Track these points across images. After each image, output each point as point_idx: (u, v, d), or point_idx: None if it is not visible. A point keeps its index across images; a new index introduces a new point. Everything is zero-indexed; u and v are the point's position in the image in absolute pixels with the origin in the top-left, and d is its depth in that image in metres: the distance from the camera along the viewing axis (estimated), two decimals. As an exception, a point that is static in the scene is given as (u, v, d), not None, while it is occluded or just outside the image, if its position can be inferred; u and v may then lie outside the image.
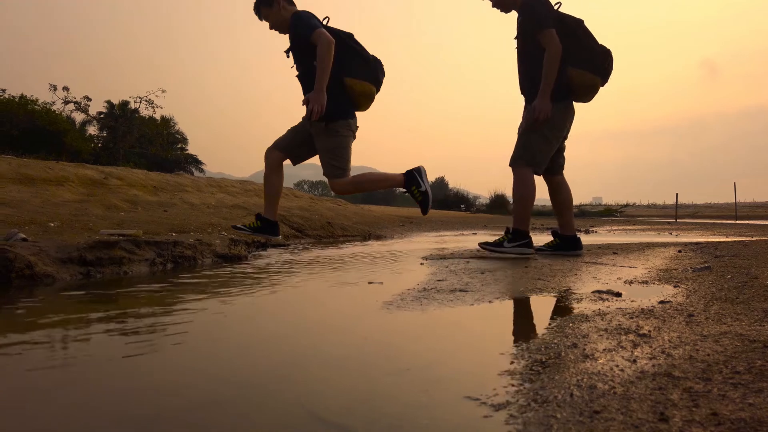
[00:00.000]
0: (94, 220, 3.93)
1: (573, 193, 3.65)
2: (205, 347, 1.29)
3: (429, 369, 1.09)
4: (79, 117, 21.14)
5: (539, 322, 1.53)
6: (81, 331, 1.40)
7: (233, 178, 12.72)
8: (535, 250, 3.45)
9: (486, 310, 1.67)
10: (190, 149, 27.99)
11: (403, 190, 3.65)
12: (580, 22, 3.36)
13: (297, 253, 3.79)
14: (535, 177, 3.43)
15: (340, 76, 3.34)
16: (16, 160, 6.24)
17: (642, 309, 1.56)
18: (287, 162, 3.68)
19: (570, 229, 3.54)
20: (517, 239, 3.39)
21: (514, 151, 3.45)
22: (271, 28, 3.54)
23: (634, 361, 1.04)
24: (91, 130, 21.99)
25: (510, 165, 3.47)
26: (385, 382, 1.01)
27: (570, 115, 3.44)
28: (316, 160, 3.59)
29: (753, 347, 1.07)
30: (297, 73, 3.49)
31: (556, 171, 3.55)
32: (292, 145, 3.60)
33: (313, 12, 3.44)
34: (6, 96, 17.60)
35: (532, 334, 1.35)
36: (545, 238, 4.00)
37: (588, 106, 3.56)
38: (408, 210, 12.34)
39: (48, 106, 18.47)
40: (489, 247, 3.45)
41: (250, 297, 1.95)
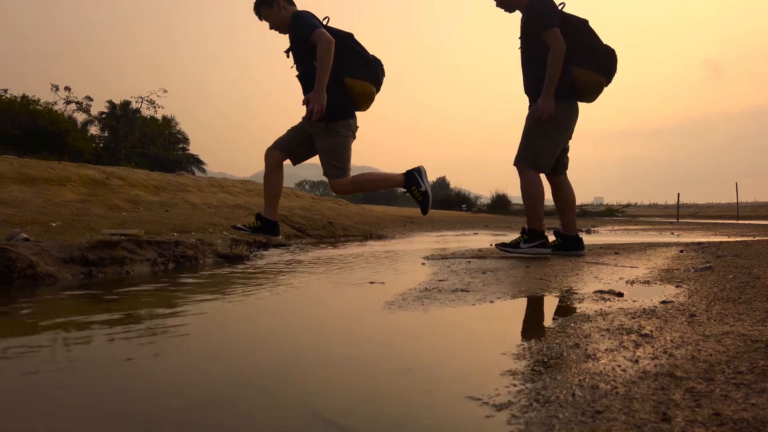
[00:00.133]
0: (96, 220, 3.94)
1: (575, 193, 3.64)
2: (207, 347, 1.29)
3: (431, 369, 1.09)
4: (80, 117, 21.18)
5: (541, 322, 1.53)
6: (82, 331, 1.40)
7: (235, 178, 12.73)
8: (551, 250, 3.45)
9: (488, 310, 1.67)
10: (192, 149, 28.03)
11: (403, 190, 3.65)
12: (584, 22, 3.35)
13: (298, 253, 3.79)
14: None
15: (340, 76, 3.34)
16: (18, 160, 6.25)
17: (644, 309, 1.56)
18: (288, 162, 3.68)
19: (572, 229, 3.54)
20: (533, 240, 3.40)
21: (519, 151, 3.45)
22: (271, 28, 3.54)
23: (636, 361, 1.04)
24: (93, 130, 22.03)
25: (514, 165, 3.46)
26: (387, 382, 1.01)
27: (574, 115, 3.43)
28: (317, 160, 3.59)
29: (755, 347, 1.07)
30: (297, 73, 3.49)
31: (560, 171, 3.54)
32: (292, 145, 3.61)
33: (313, 12, 3.45)
34: (8, 96, 17.63)
35: (534, 334, 1.35)
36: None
37: (589, 105, 3.55)
38: (409, 210, 12.35)
39: (50, 106, 18.49)
40: (505, 248, 3.45)
41: (251, 297, 1.95)
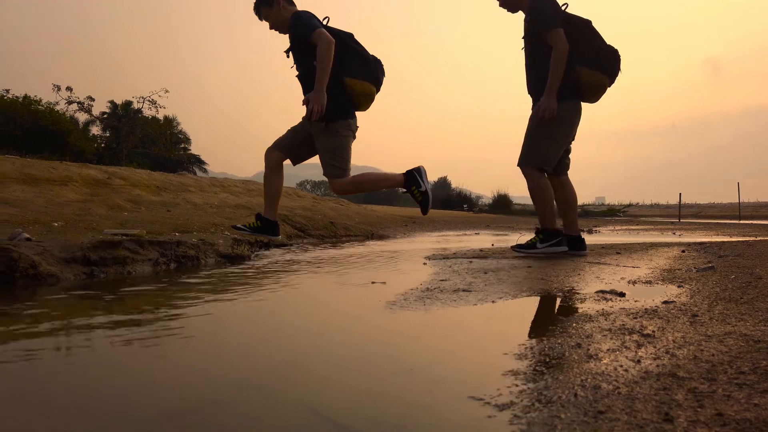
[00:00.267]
0: (98, 219, 3.94)
1: (576, 193, 3.64)
2: (208, 347, 1.29)
3: (432, 369, 1.09)
4: (82, 117, 21.18)
5: (543, 322, 1.53)
6: (83, 331, 1.40)
7: (236, 177, 12.74)
8: (567, 248, 3.45)
9: (489, 310, 1.67)
10: (193, 149, 28.00)
11: (404, 190, 3.66)
12: (587, 23, 3.35)
13: (300, 253, 3.79)
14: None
15: (340, 76, 3.34)
16: (20, 160, 6.26)
17: (646, 309, 1.56)
18: (288, 162, 3.68)
19: (574, 230, 3.54)
20: (548, 239, 3.40)
21: (522, 152, 3.44)
22: (271, 28, 3.55)
23: (639, 361, 1.04)
24: (95, 130, 22.03)
25: (518, 165, 3.46)
26: (389, 382, 1.01)
27: (577, 115, 3.43)
28: (318, 160, 3.60)
29: (758, 347, 1.07)
30: (297, 73, 3.49)
31: (561, 171, 3.54)
32: (292, 145, 3.61)
33: (313, 12, 3.45)
34: (10, 96, 17.65)
35: (536, 334, 1.35)
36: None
37: (591, 105, 3.55)
38: (410, 210, 12.34)
39: (51, 107, 18.50)
40: (522, 249, 3.44)
41: (252, 297, 1.95)
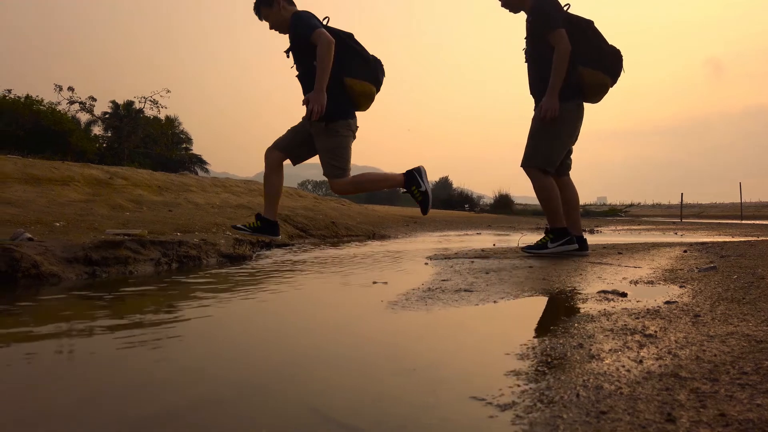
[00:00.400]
0: (100, 219, 3.95)
1: (578, 193, 3.64)
2: (210, 348, 1.30)
3: (434, 369, 1.09)
4: (84, 117, 21.21)
5: (544, 323, 1.53)
6: (85, 331, 1.41)
7: (237, 177, 12.75)
8: (578, 247, 3.45)
9: (491, 310, 1.67)
10: (195, 149, 28.04)
11: (404, 190, 3.66)
12: (590, 23, 3.35)
13: (301, 252, 3.79)
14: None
15: (340, 76, 3.34)
16: (22, 160, 6.27)
17: (648, 309, 1.56)
18: (290, 162, 3.69)
19: (576, 230, 3.53)
20: (558, 238, 3.40)
21: (525, 153, 3.44)
22: (271, 28, 3.55)
23: (641, 361, 1.04)
24: (96, 130, 22.06)
25: (522, 166, 3.46)
26: (391, 382, 1.01)
27: (580, 115, 3.43)
28: (318, 160, 3.60)
29: (760, 348, 1.07)
30: (297, 73, 3.49)
31: (563, 172, 3.54)
32: (292, 145, 3.61)
33: (313, 12, 3.45)
34: (12, 96, 17.68)
35: (538, 335, 1.35)
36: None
37: (592, 105, 3.55)
38: (412, 210, 12.34)
39: (53, 107, 18.53)
40: (533, 250, 3.44)
41: (254, 297, 1.95)
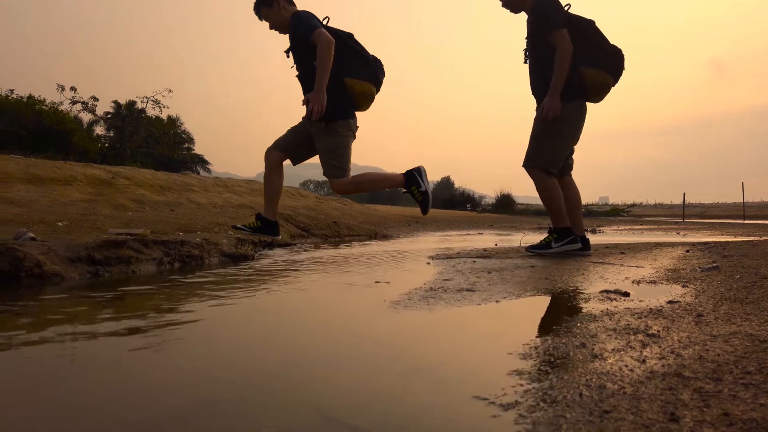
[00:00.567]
0: (102, 219, 3.95)
1: (580, 193, 3.64)
2: (211, 348, 1.30)
3: (437, 369, 1.09)
4: (86, 117, 21.22)
5: (547, 322, 1.53)
6: (86, 332, 1.41)
7: (239, 177, 12.77)
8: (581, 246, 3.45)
9: (493, 309, 1.67)
10: (197, 149, 28.04)
11: (404, 190, 3.66)
12: (591, 23, 3.34)
13: (303, 252, 3.79)
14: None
15: (340, 76, 3.34)
16: (25, 160, 6.28)
17: (650, 309, 1.55)
18: (289, 162, 3.69)
19: (578, 229, 3.53)
20: (562, 238, 3.40)
21: (527, 153, 3.43)
22: (271, 28, 3.55)
23: (644, 361, 1.04)
24: (99, 130, 22.08)
25: (524, 167, 3.46)
26: (393, 382, 1.01)
27: (582, 115, 3.42)
28: (319, 160, 3.60)
29: (763, 347, 1.07)
30: (297, 73, 3.49)
31: (565, 172, 3.54)
32: (292, 145, 3.61)
33: (313, 12, 3.45)
34: (14, 96, 17.70)
35: (540, 334, 1.34)
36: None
37: (594, 105, 3.54)
38: (413, 210, 12.33)
39: (56, 107, 18.55)
40: (536, 250, 3.44)
41: (255, 297, 1.95)
